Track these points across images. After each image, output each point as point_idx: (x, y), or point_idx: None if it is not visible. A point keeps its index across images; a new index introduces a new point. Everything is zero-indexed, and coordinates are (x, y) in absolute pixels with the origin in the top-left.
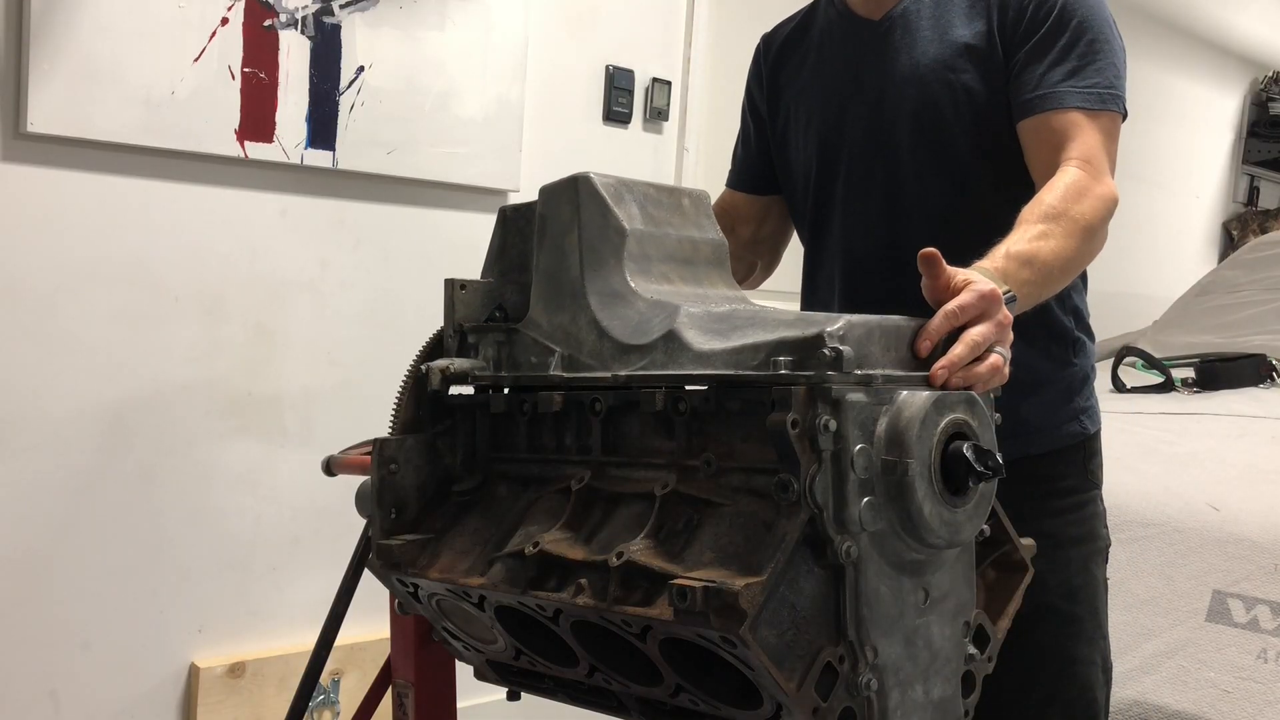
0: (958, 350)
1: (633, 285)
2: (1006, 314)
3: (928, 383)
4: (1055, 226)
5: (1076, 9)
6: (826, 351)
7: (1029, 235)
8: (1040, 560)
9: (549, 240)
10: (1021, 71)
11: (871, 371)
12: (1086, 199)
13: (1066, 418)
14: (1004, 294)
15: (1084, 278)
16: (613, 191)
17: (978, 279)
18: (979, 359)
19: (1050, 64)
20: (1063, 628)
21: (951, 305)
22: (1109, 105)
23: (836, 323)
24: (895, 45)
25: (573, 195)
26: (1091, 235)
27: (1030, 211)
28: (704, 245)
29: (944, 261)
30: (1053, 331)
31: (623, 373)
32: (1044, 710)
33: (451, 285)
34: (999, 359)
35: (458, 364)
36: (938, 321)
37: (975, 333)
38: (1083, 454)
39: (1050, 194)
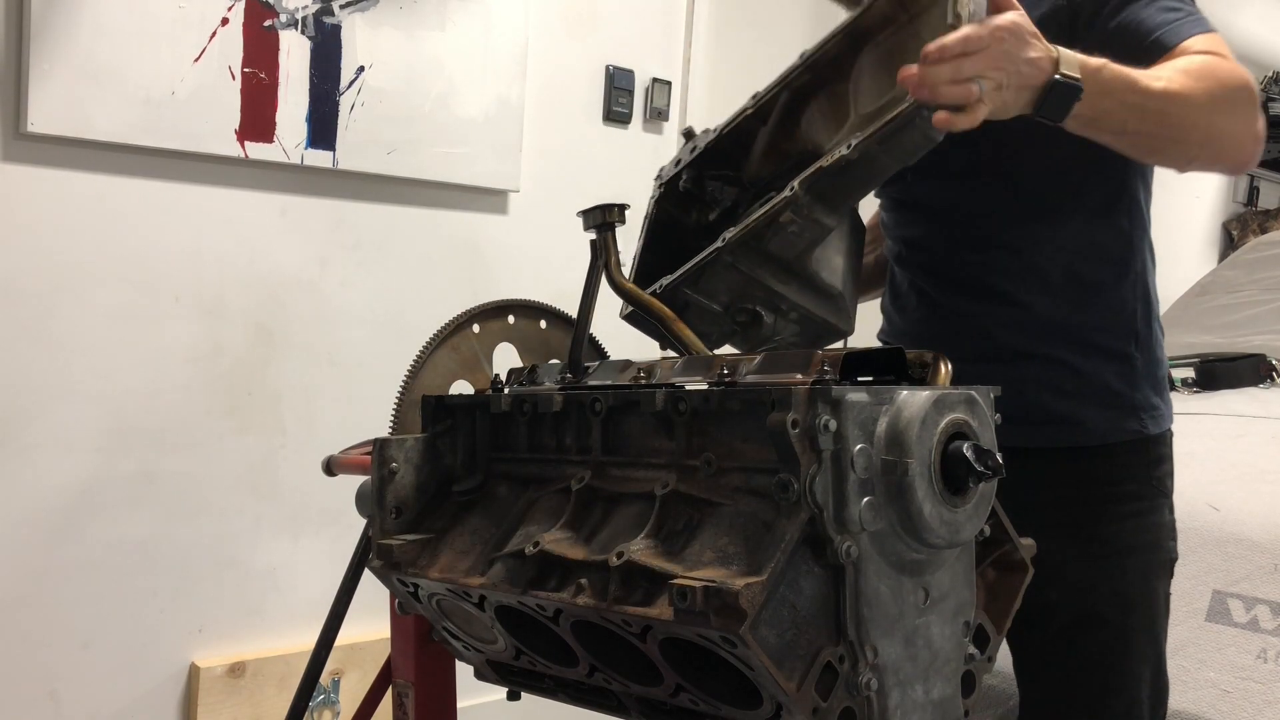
0: (936, 70)
1: None
2: (1004, 51)
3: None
4: (1174, 73)
5: None
6: None
7: (1136, 70)
8: (1094, 567)
9: None
10: (1120, 12)
11: None
12: (1217, 65)
13: (1124, 414)
14: (1059, 72)
15: (1152, 255)
16: None
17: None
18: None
19: (1154, 11)
20: (1113, 640)
21: (959, 35)
22: (1213, 31)
23: None
24: None
25: None
26: (1224, 89)
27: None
28: None
29: None
30: (1110, 317)
31: None
32: None
33: None
34: (973, 89)
35: None
36: (935, 49)
37: (965, 65)
38: (1146, 458)
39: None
